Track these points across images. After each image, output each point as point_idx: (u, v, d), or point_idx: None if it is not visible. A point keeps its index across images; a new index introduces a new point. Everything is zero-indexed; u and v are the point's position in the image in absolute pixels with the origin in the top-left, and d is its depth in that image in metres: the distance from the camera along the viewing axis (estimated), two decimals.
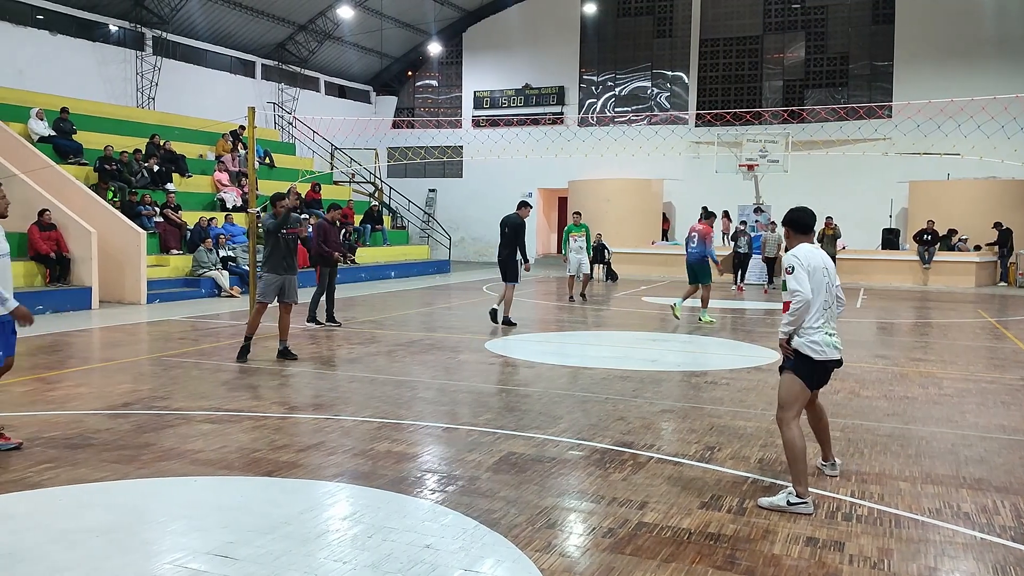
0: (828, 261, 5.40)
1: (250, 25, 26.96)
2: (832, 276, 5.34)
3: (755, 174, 25.56)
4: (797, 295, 5.17)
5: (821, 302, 5.22)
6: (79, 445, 6.17)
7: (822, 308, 5.22)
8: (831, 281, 5.31)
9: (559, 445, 6.30)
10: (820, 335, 5.19)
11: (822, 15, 28.24)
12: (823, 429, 5.67)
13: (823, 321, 5.22)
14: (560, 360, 10.11)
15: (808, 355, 5.19)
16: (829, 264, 5.38)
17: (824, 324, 5.22)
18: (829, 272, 5.32)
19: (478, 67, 33.09)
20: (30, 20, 21.34)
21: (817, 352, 5.17)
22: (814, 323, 5.20)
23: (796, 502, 4.99)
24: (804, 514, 4.94)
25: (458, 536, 4.48)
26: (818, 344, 5.17)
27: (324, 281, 13.20)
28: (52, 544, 4.32)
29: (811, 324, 5.20)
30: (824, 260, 5.37)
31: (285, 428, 6.74)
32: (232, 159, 22.64)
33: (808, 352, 5.18)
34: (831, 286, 5.30)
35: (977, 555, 4.36)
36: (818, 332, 5.19)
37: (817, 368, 5.23)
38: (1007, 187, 24.30)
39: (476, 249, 33.29)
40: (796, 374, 5.26)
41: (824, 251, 5.57)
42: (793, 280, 5.22)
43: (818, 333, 5.19)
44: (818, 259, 5.33)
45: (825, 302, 5.24)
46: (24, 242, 15.54)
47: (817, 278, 5.24)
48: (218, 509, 4.88)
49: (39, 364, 9.56)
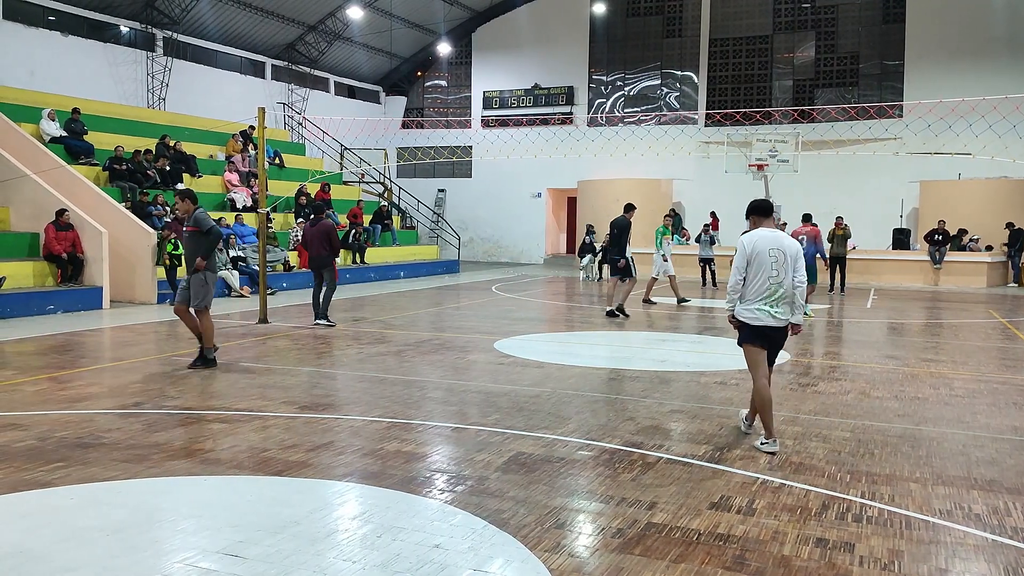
0: (783, 245, 6.18)
1: (260, 26, 27.03)
2: (788, 259, 6.13)
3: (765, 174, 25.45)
4: (732, 275, 6.26)
5: (764, 279, 6.13)
6: (90, 444, 6.20)
7: (764, 285, 6.13)
8: (783, 262, 6.11)
9: (568, 445, 6.30)
10: (757, 305, 6.17)
11: (832, 14, 28.13)
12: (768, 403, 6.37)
13: (765, 295, 6.14)
14: (569, 360, 10.10)
15: (746, 322, 6.24)
16: (785, 248, 6.15)
17: (766, 298, 6.15)
18: (783, 255, 6.12)
19: (487, 67, 33.10)
20: (42, 21, 21.45)
21: (752, 319, 6.20)
22: (756, 297, 6.18)
23: (764, 443, 6.18)
24: (769, 452, 6.08)
25: (467, 536, 4.48)
26: (753, 313, 6.18)
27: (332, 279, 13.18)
28: (63, 543, 4.34)
29: (752, 298, 6.19)
30: (775, 244, 6.17)
31: (295, 428, 6.76)
32: (242, 159, 22.71)
33: (746, 319, 6.24)
34: (783, 266, 6.11)
35: (988, 557, 4.33)
36: (756, 303, 6.17)
37: (755, 332, 6.21)
38: (1019, 187, 24.17)
39: (485, 249, 33.30)
40: (745, 342, 6.35)
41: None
42: (733, 262, 6.30)
43: (755, 303, 6.17)
44: (766, 243, 6.16)
45: (769, 279, 6.12)
46: (36, 242, 15.63)
47: (760, 260, 6.14)
48: (228, 508, 4.90)
49: (51, 363, 9.61)
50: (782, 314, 6.15)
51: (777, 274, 6.11)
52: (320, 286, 13.19)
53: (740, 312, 6.23)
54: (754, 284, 6.16)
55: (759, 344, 6.25)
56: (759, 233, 6.26)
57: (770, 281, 6.11)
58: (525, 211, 32.47)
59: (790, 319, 6.21)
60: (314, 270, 13.28)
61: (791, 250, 6.17)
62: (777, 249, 6.13)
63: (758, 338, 6.23)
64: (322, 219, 13.32)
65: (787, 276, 6.13)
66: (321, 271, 13.12)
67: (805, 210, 23.62)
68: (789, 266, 6.14)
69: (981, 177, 24.53)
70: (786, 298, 6.15)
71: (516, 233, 32.75)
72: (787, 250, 6.15)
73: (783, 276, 6.12)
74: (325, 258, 13.06)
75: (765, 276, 6.12)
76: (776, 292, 6.13)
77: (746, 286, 6.21)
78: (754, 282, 6.16)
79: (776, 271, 6.11)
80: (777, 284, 6.12)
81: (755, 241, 6.19)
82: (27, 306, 13.95)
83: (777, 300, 6.13)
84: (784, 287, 6.14)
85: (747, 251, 6.17)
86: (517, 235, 32.75)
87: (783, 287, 6.14)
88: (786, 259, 6.13)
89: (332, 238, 13.03)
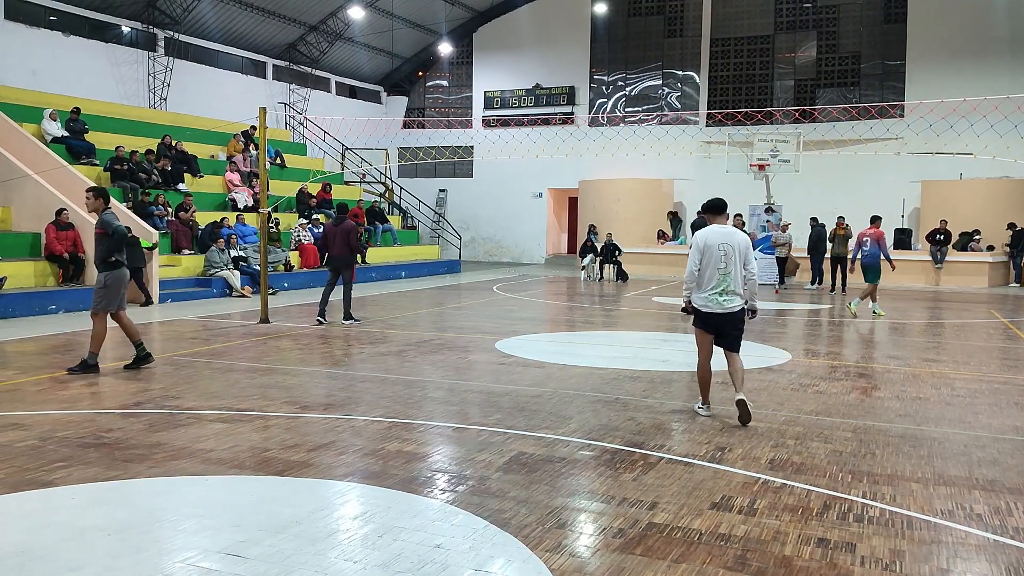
0: (732, 240, 6.88)
1: (261, 26, 27.05)
2: (737, 253, 6.84)
3: (766, 174, 25.45)
4: (688, 267, 7.05)
5: (713, 271, 6.88)
6: (91, 444, 6.20)
7: (714, 276, 6.88)
8: (731, 255, 6.83)
9: (569, 445, 6.30)
10: (708, 294, 6.94)
11: (834, 14, 28.11)
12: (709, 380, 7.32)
13: (714, 284, 6.89)
14: (571, 360, 10.10)
15: (698, 308, 7.05)
16: (735, 243, 6.86)
17: (714, 288, 6.90)
18: (731, 249, 6.84)
19: (488, 67, 33.09)
20: (43, 21, 21.46)
21: (702, 306, 6.99)
22: (707, 287, 6.94)
23: (699, 407, 7.29)
24: (704, 416, 7.16)
25: (468, 536, 4.49)
26: (704, 301, 6.97)
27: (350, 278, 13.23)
28: (65, 542, 4.35)
29: (705, 288, 6.96)
30: (725, 239, 6.89)
31: (296, 428, 6.76)
32: (243, 159, 22.73)
33: (698, 306, 7.05)
34: (731, 259, 6.83)
35: (990, 557, 4.33)
36: (707, 292, 6.94)
37: (704, 318, 7.02)
38: (1020, 187, 24.15)
39: (486, 249, 33.31)
40: (695, 325, 7.22)
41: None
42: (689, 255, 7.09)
43: (706, 293, 6.95)
44: (716, 238, 6.90)
45: (718, 271, 6.85)
46: (38, 242, 15.64)
47: (710, 254, 6.88)
48: (229, 508, 4.90)
49: (52, 363, 9.62)
50: (729, 302, 6.92)
51: (725, 266, 6.88)
52: (333, 285, 13.31)
53: (695, 299, 7.08)
54: (705, 275, 6.94)
55: (706, 329, 7.10)
56: (711, 229, 7.01)
57: (719, 273, 6.88)
58: (526, 211, 32.47)
59: (744, 306, 7.03)
60: (332, 269, 13.40)
61: (740, 244, 6.91)
62: (727, 244, 6.89)
63: (705, 323, 7.07)
64: (345, 219, 13.42)
65: (735, 268, 6.87)
66: (339, 270, 13.21)
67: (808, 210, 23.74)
68: (738, 259, 6.87)
69: (983, 177, 24.51)
70: (733, 288, 6.89)
71: (517, 233, 32.75)
72: (736, 244, 6.89)
73: (731, 268, 6.87)
74: (345, 258, 13.18)
75: (715, 268, 6.88)
76: (723, 283, 6.89)
77: (700, 277, 6.98)
78: (706, 273, 6.94)
79: (724, 263, 6.87)
80: (724, 275, 6.88)
81: (707, 236, 6.95)
82: (28, 306, 13.96)
83: (724, 290, 6.90)
84: (731, 277, 6.88)
85: (700, 246, 6.97)
86: (518, 235, 32.76)
87: (730, 277, 6.88)
88: (735, 252, 6.86)
89: (351, 238, 13.12)
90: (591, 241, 25.01)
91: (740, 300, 6.97)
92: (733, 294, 6.92)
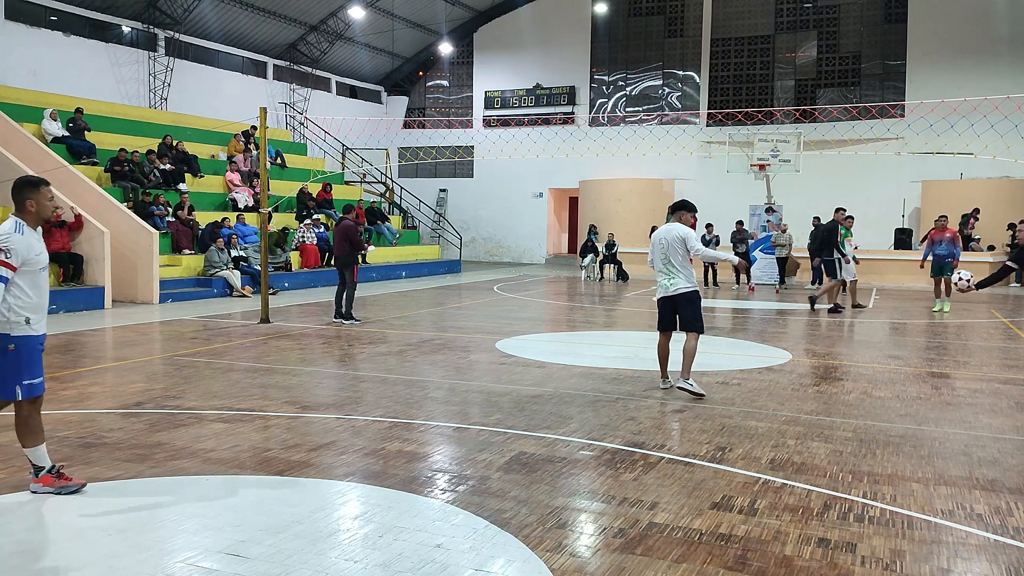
0: (667, 235, 8.13)
1: (262, 26, 27.05)
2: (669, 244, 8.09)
3: (767, 174, 25.46)
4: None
5: (657, 260, 8.23)
6: (92, 444, 6.21)
7: (658, 265, 8.23)
8: (666, 247, 8.10)
9: (570, 445, 6.30)
10: (657, 279, 8.34)
11: (834, 14, 28.11)
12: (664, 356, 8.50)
13: (659, 272, 8.26)
14: (571, 360, 10.11)
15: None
16: (667, 237, 8.11)
17: (661, 275, 8.24)
18: (665, 241, 8.12)
19: (489, 67, 33.10)
20: (44, 21, 21.47)
21: (658, 292, 8.34)
22: (657, 274, 8.33)
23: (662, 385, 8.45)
24: (663, 389, 8.37)
25: (469, 536, 4.49)
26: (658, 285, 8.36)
27: (352, 279, 13.24)
28: (66, 542, 4.35)
29: (656, 274, 8.35)
30: (663, 233, 8.19)
31: (296, 427, 6.76)
32: (244, 159, 22.73)
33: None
34: (666, 249, 8.10)
35: (990, 557, 4.33)
36: (657, 277, 8.34)
37: (659, 300, 8.35)
38: (1021, 186, 24.15)
39: (487, 249, 33.31)
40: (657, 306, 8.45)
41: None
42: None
43: (657, 278, 8.34)
44: (659, 235, 8.24)
45: (662, 261, 8.18)
46: None
47: (653, 245, 8.28)
48: (230, 508, 4.90)
49: (52, 363, 9.62)
50: (673, 287, 8.12)
51: (664, 256, 8.13)
52: (343, 284, 13.29)
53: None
54: (655, 264, 8.29)
55: (661, 308, 8.34)
56: (661, 227, 8.38)
57: (661, 261, 8.20)
58: (527, 211, 32.48)
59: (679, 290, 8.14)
60: (338, 269, 13.46)
61: (670, 237, 8.09)
62: (663, 237, 8.15)
63: (660, 304, 8.34)
64: (346, 218, 13.45)
65: (673, 256, 8.07)
66: (343, 270, 13.23)
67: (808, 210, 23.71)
68: (672, 249, 8.06)
69: (983, 177, 24.51)
70: (672, 273, 8.11)
71: (518, 233, 32.76)
72: (669, 238, 8.09)
73: (668, 255, 8.09)
74: (344, 257, 13.25)
75: (657, 258, 8.21)
76: (665, 269, 8.15)
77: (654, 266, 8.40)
78: (655, 263, 8.29)
79: (664, 253, 8.12)
80: (664, 262, 8.15)
81: (656, 232, 8.35)
82: None
83: (666, 275, 8.15)
84: (668, 265, 8.12)
85: (652, 240, 8.40)
86: (519, 235, 32.76)
87: (667, 266, 8.14)
88: (668, 244, 8.08)
89: (349, 237, 13.13)
90: (592, 241, 25.01)
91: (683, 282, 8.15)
92: (678, 277, 8.17)
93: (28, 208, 4.96)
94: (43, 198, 4.99)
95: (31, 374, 4.93)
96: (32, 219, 4.97)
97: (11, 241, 4.78)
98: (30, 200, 4.96)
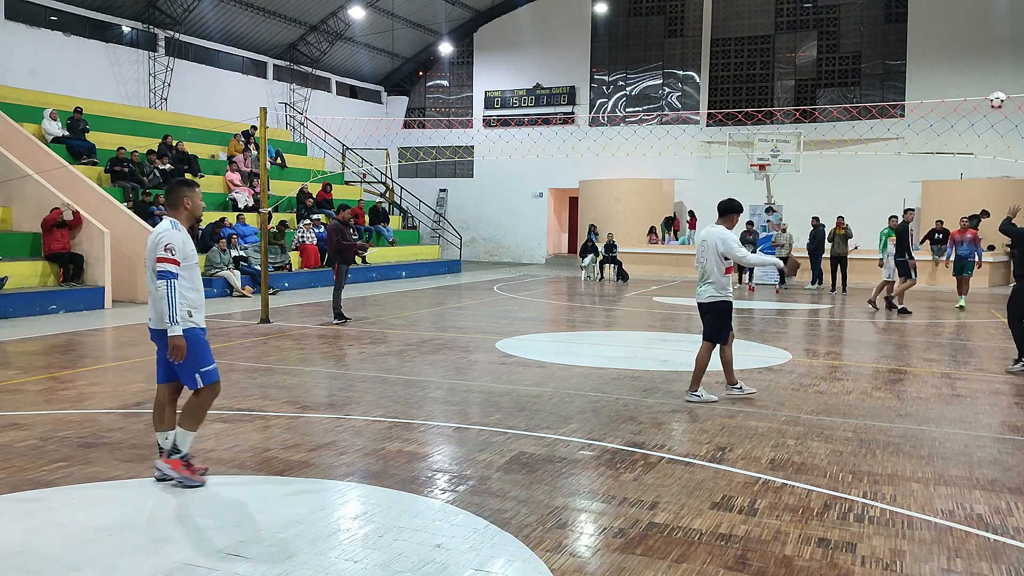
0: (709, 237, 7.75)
1: (262, 26, 27.05)
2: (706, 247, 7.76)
3: (767, 174, 25.44)
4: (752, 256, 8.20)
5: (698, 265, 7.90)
6: (92, 444, 6.21)
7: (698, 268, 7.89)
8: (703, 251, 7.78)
9: (570, 445, 6.30)
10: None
11: (834, 14, 28.11)
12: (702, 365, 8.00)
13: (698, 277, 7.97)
14: (571, 360, 10.11)
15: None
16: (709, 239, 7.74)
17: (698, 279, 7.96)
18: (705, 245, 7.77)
19: (489, 67, 33.09)
20: (44, 21, 21.46)
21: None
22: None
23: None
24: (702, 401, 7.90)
25: (469, 536, 4.49)
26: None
27: (343, 278, 13.35)
28: (66, 542, 4.35)
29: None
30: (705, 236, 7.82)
31: (296, 427, 6.76)
32: (244, 159, 22.73)
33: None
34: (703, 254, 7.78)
35: (991, 557, 4.33)
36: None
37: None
38: (1021, 186, 24.12)
39: (487, 249, 33.31)
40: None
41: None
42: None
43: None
44: (702, 236, 7.88)
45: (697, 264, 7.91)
46: (39, 242, 15.64)
47: (699, 249, 7.90)
48: (230, 508, 4.90)
49: (53, 363, 9.62)
50: (702, 294, 7.85)
51: (703, 259, 7.78)
52: (342, 282, 13.49)
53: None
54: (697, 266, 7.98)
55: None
56: (706, 228, 8.01)
57: (697, 266, 7.94)
58: (527, 211, 32.48)
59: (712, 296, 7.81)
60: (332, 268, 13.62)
61: (711, 239, 7.72)
62: (704, 239, 7.83)
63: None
64: (334, 219, 13.55)
65: (708, 262, 7.71)
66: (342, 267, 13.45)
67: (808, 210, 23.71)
68: (710, 252, 7.70)
69: (983, 177, 24.49)
70: (704, 278, 7.79)
71: (518, 233, 32.76)
72: (710, 241, 7.73)
73: (704, 261, 7.76)
74: (331, 257, 13.42)
75: (699, 259, 7.89)
76: (700, 273, 7.87)
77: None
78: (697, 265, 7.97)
79: (703, 256, 7.79)
80: (700, 268, 7.85)
81: (700, 233, 8.03)
82: (29, 306, 13.97)
83: (700, 280, 7.89)
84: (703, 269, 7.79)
85: (696, 241, 8.10)
86: (519, 235, 32.76)
87: (702, 270, 7.81)
88: (707, 247, 7.74)
89: (332, 237, 13.22)
90: (592, 241, 25.01)
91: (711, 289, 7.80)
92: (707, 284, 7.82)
93: (184, 206, 5.26)
94: (197, 197, 5.30)
95: (205, 362, 5.25)
96: (186, 217, 5.28)
97: (172, 238, 5.07)
98: (187, 198, 5.26)
